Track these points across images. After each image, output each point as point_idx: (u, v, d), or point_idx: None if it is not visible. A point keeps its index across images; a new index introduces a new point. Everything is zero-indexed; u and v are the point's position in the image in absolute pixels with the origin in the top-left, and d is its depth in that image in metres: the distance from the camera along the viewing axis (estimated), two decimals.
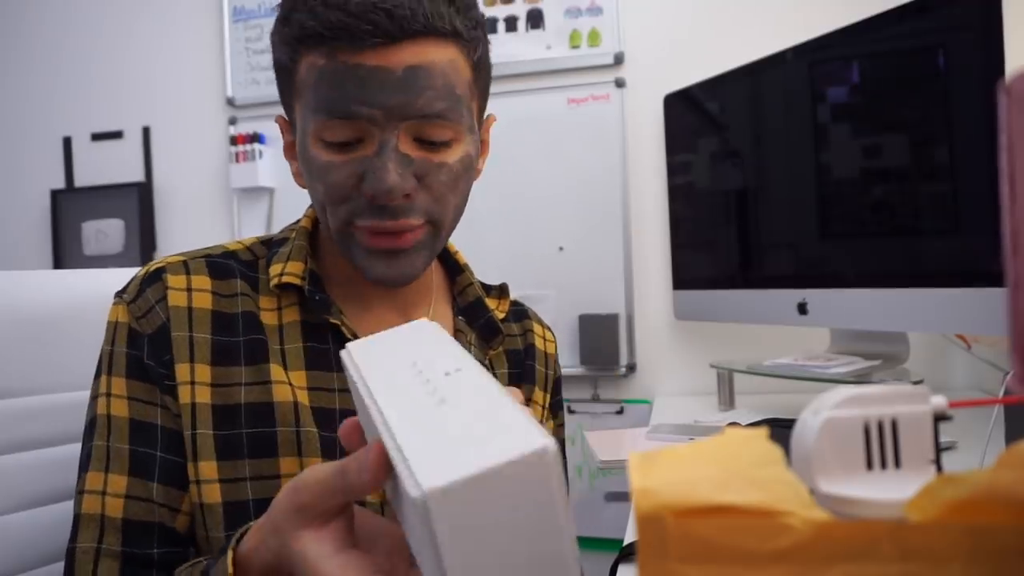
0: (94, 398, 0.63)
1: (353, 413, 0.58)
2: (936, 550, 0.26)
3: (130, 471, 0.60)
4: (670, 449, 0.32)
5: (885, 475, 0.30)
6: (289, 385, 0.62)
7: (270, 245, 0.69)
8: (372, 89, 0.56)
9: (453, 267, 0.78)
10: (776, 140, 1.38)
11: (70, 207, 2.14)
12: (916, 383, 1.16)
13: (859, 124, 1.22)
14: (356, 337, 0.64)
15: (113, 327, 0.63)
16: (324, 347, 0.65)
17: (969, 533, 0.26)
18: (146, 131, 2.10)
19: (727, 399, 1.46)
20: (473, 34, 0.60)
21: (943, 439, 0.31)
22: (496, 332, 0.74)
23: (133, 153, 2.11)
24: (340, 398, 0.63)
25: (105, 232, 2.09)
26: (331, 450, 0.61)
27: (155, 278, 0.63)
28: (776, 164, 1.38)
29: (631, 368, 1.75)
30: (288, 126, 0.66)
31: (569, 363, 1.77)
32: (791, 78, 1.32)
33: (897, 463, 0.30)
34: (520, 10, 1.82)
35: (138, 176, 2.11)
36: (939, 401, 0.31)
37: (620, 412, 1.76)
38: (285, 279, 0.64)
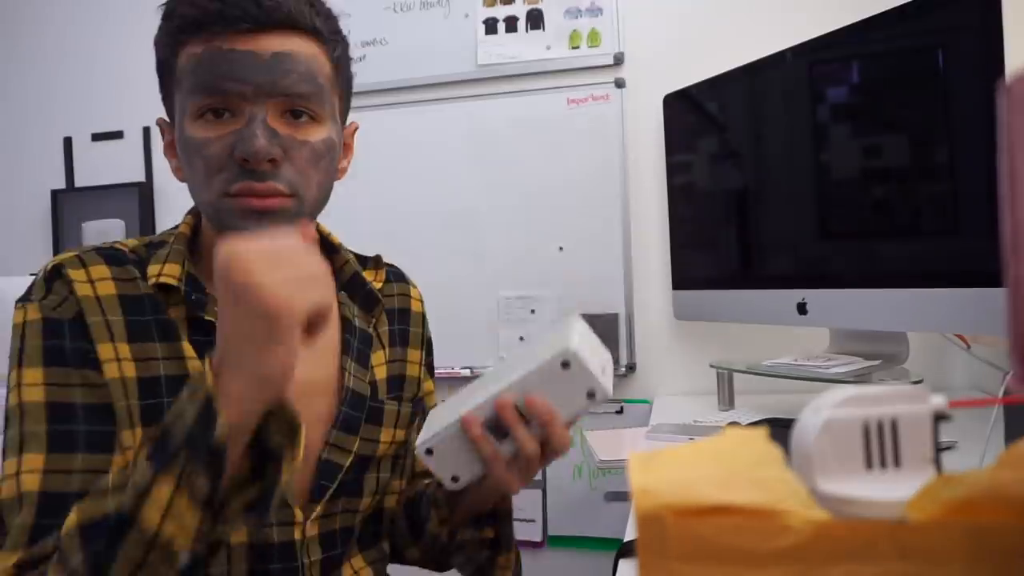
0: (6, 396, 0.64)
1: None
2: (936, 550, 0.26)
3: (48, 449, 0.61)
4: (670, 449, 0.32)
5: (885, 475, 0.30)
6: (199, 359, 0.67)
7: (149, 247, 0.73)
8: (243, 68, 0.64)
9: (329, 248, 0.83)
10: (776, 140, 1.38)
11: (70, 207, 2.14)
12: (916, 383, 1.16)
13: (859, 124, 1.22)
14: None
15: (21, 328, 0.65)
16: (208, 339, 0.68)
17: (969, 533, 0.26)
18: (146, 131, 2.10)
19: (727, 399, 1.46)
20: (332, 36, 0.70)
21: (943, 439, 0.31)
22: (376, 301, 0.82)
23: (133, 153, 2.11)
24: None
25: (105, 232, 2.08)
26: None
27: (56, 274, 0.67)
28: (776, 164, 1.38)
29: (631, 368, 1.75)
30: (168, 126, 0.72)
31: None
32: (791, 78, 1.32)
33: (897, 463, 0.30)
34: (520, 10, 1.82)
35: (138, 176, 2.11)
36: (939, 401, 0.31)
37: (620, 412, 1.76)
38: (162, 279, 0.69)
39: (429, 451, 0.65)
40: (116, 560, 0.52)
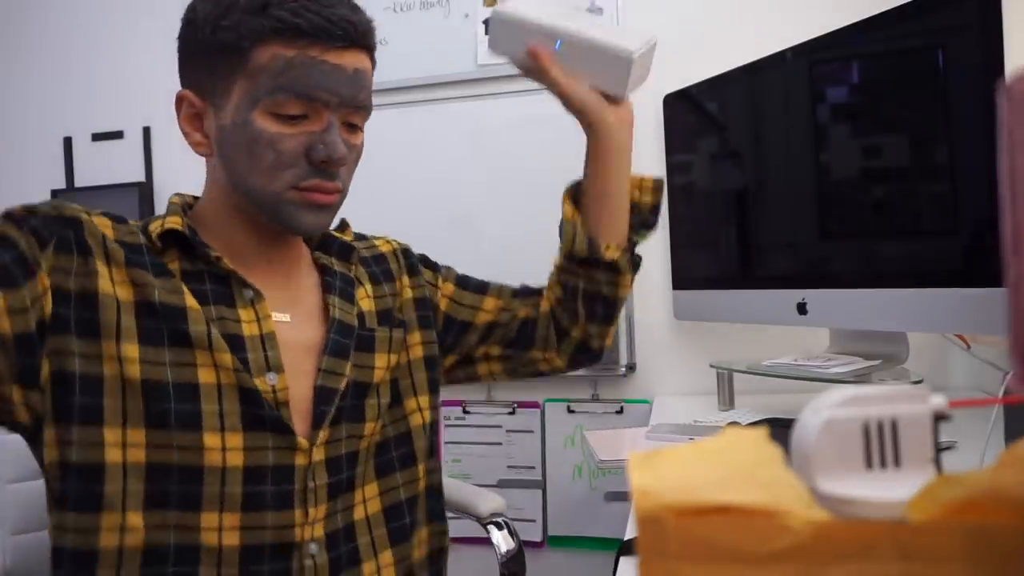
0: None
1: (228, 339, 0.72)
2: (936, 550, 0.26)
3: None
4: (670, 449, 0.32)
5: (885, 475, 0.30)
6: (193, 298, 0.72)
7: (147, 220, 0.78)
8: (334, 81, 0.71)
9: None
10: (776, 140, 1.38)
11: None
12: (916, 383, 1.16)
13: (859, 124, 1.22)
14: (233, 273, 0.75)
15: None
16: (202, 287, 0.74)
17: (969, 533, 0.26)
18: (146, 131, 2.10)
19: (727, 399, 1.46)
20: (375, 59, 0.79)
21: (943, 439, 0.31)
22: (350, 250, 0.89)
23: (133, 153, 2.11)
24: (217, 325, 0.72)
25: None
26: (233, 345, 0.72)
27: (61, 201, 0.73)
28: (776, 164, 1.38)
29: (631, 368, 1.75)
30: (200, 101, 0.75)
31: None
32: (791, 78, 1.32)
33: (897, 463, 0.30)
34: None
35: (138, 176, 2.11)
36: (939, 401, 0.31)
37: (620, 412, 1.76)
38: (168, 226, 0.74)
39: (639, 55, 0.89)
40: None
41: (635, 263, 0.95)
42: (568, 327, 0.96)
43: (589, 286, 0.93)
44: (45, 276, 0.66)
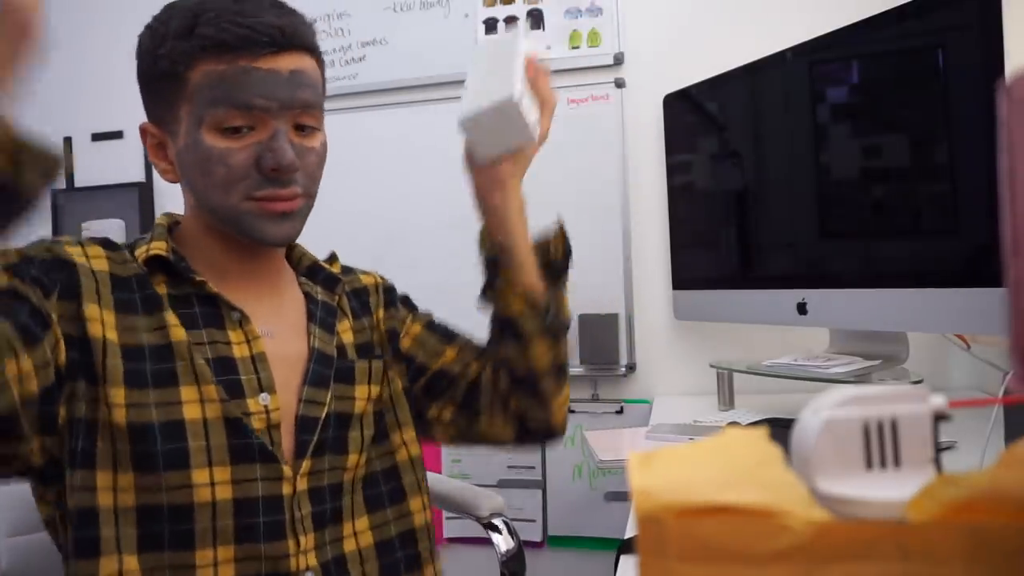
0: None
1: (220, 362, 0.73)
2: (936, 550, 0.26)
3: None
4: (670, 449, 0.32)
5: (885, 475, 0.30)
6: (181, 328, 0.73)
7: (134, 242, 0.79)
8: (269, 86, 0.71)
9: (288, 246, 0.90)
10: (776, 140, 1.38)
11: (70, 207, 2.13)
12: (916, 383, 1.16)
13: (859, 124, 1.22)
14: (218, 296, 0.75)
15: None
16: (190, 311, 0.75)
17: (969, 533, 0.26)
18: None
19: (727, 399, 1.46)
20: (320, 52, 0.79)
21: (943, 439, 0.31)
22: (336, 281, 0.89)
23: (133, 153, 2.11)
24: (209, 349, 0.73)
25: (105, 232, 2.08)
26: (223, 381, 0.72)
27: (53, 242, 0.73)
28: (776, 164, 1.38)
29: (631, 368, 1.75)
30: (158, 130, 0.77)
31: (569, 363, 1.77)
32: (791, 78, 1.32)
33: (897, 463, 0.30)
34: (520, 10, 1.82)
35: (138, 176, 2.11)
36: (939, 401, 0.31)
37: (620, 412, 1.76)
38: (152, 251, 0.75)
39: (468, 121, 0.79)
40: None
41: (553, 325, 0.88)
42: (501, 397, 0.89)
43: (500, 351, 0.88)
44: (56, 325, 0.67)
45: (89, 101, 2.14)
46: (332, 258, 0.94)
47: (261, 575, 0.70)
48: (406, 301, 0.98)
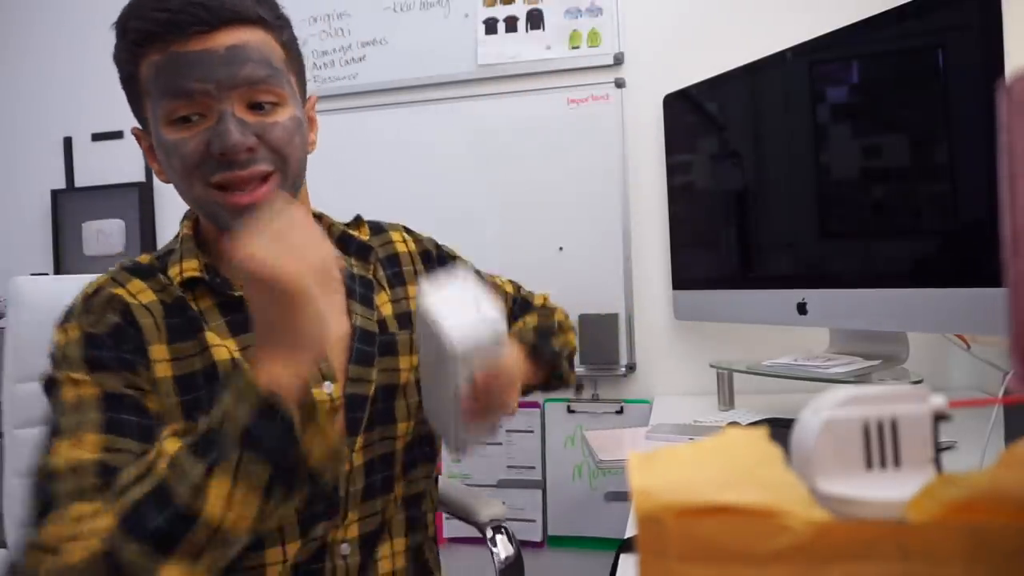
0: (53, 404, 0.67)
1: None
2: (936, 550, 0.26)
3: (105, 431, 0.64)
4: (670, 449, 0.32)
5: (885, 475, 0.30)
6: (225, 347, 0.73)
7: (161, 258, 0.79)
8: (202, 68, 0.68)
9: (315, 217, 0.89)
10: (776, 140, 1.38)
11: (71, 207, 2.13)
12: (916, 383, 1.16)
13: (859, 124, 1.21)
14: None
15: (62, 348, 0.69)
16: (241, 317, 0.75)
17: (969, 533, 0.26)
18: None
19: (727, 399, 1.46)
20: (277, 21, 0.74)
21: (943, 439, 0.31)
22: (368, 249, 0.88)
23: (133, 153, 2.11)
24: None
25: (105, 232, 2.09)
26: None
27: (97, 294, 0.72)
28: (776, 164, 1.38)
29: (631, 368, 1.75)
30: (144, 134, 0.77)
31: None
32: (791, 78, 1.32)
33: (897, 463, 0.30)
34: (520, 10, 1.82)
35: (138, 176, 2.11)
36: (939, 401, 0.31)
37: (620, 412, 1.76)
38: (186, 275, 0.74)
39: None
40: (176, 550, 0.56)
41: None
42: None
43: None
44: (153, 398, 0.69)
45: (89, 101, 2.14)
46: (358, 221, 0.94)
47: (310, 554, 0.74)
48: (442, 260, 0.97)
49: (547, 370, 0.93)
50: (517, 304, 1.04)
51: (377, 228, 0.95)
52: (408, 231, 0.98)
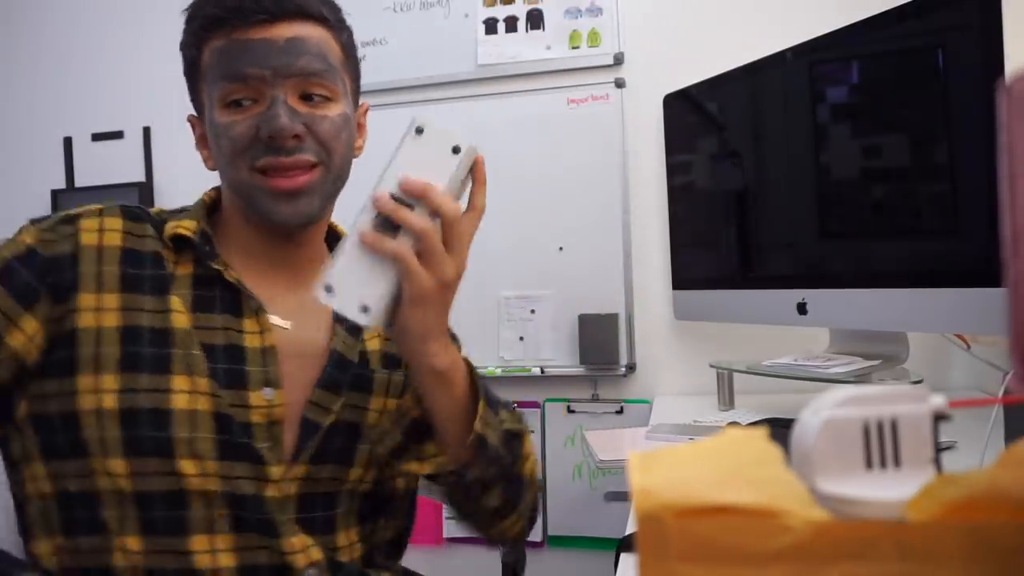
0: None
1: (230, 350, 0.73)
2: (936, 550, 0.26)
3: None
4: (670, 449, 0.32)
5: (885, 475, 0.30)
6: (185, 314, 0.72)
7: (172, 213, 0.79)
8: (261, 55, 0.70)
9: (333, 236, 0.87)
10: (776, 140, 1.38)
11: (71, 207, 2.13)
12: (916, 383, 1.16)
13: (859, 124, 1.22)
14: (239, 284, 0.74)
15: (12, 241, 0.72)
16: (210, 295, 0.74)
17: (968, 532, 0.26)
18: (146, 131, 2.10)
19: (727, 399, 1.46)
20: (338, 23, 0.77)
21: (943, 439, 0.31)
22: None
23: (133, 153, 2.11)
24: (221, 335, 0.73)
25: None
26: (214, 372, 0.71)
27: (70, 220, 0.74)
28: (776, 164, 1.38)
29: (631, 368, 1.75)
30: (199, 121, 0.78)
31: (569, 363, 1.77)
32: (791, 78, 1.32)
33: (897, 463, 0.30)
34: (520, 10, 1.82)
35: (138, 176, 2.11)
36: (938, 401, 0.31)
37: (620, 412, 1.76)
38: (178, 231, 0.74)
39: (328, 288, 0.61)
40: None
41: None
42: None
43: None
44: (22, 333, 0.68)
45: (89, 101, 2.14)
46: None
47: (265, 564, 0.70)
48: None
49: (486, 468, 0.74)
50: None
51: None
52: None
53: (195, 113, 0.79)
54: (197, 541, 0.68)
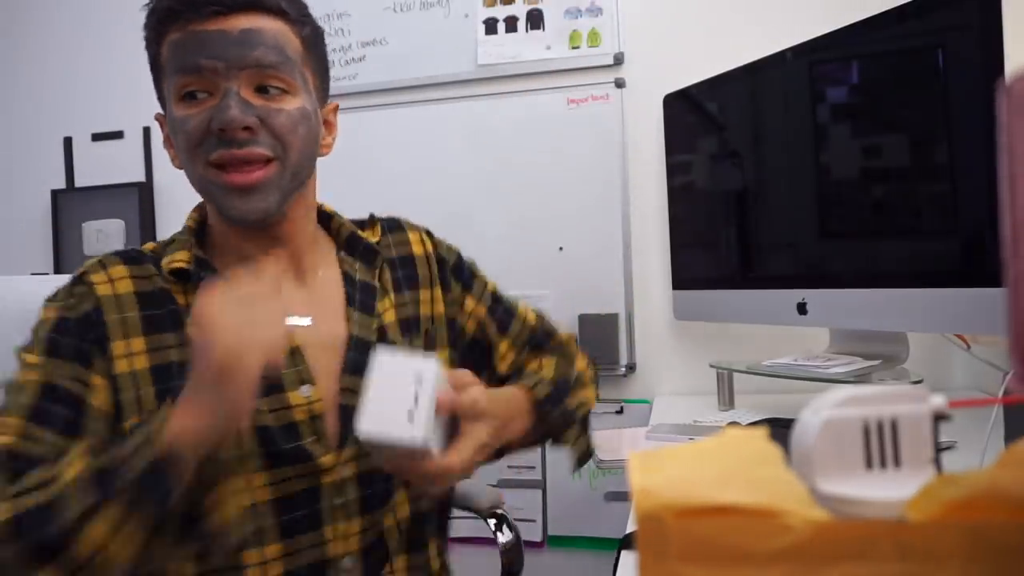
0: (6, 380, 0.71)
1: None
2: (935, 549, 0.26)
3: (27, 417, 0.66)
4: (670, 449, 0.32)
5: (885, 475, 0.30)
6: None
7: (165, 246, 0.80)
8: (214, 46, 0.70)
9: (325, 217, 0.88)
10: (776, 140, 1.38)
11: (71, 207, 2.13)
12: (916, 383, 1.16)
13: (859, 124, 1.22)
14: None
15: (36, 326, 0.72)
16: None
17: (968, 532, 0.26)
18: (146, 131, 2.10)
19: (727, 399, 1.46)
20: (301, 17, 0.76)
21: (943, 439, 0.31)
22: (374, 254, 0.86)
23: (133, 153, 2.11)
24: None
25: (105, 232, 2.08)
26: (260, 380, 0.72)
27: (79, 281, 0.74)
28: (776, 164, 1.38)
29: (631, 368, 1.75)
30: (164, 119, 0.78)
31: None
32: (791, 78, 1.32)
33: (897, 463, 0.30)
34: (520, 10, 1.82)
35: (138, 176, 2.11)
36: (938, 401, 0.31)
37: (620, 412, 1.76)
38: (174, 265, 0.75)
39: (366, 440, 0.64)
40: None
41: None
42: None
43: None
44: (98, 391, 0.70)
45: (89, 101, 2.14)
46: (372, 220, 0.92)
47: (303, 566, 0.72)
48: (459, 272, 0.93)
49: (553, 430, 0.88)
50: (537, 337, 0.96)
51: (394, 226, 0.93)
52: (430, 234, 0.95)
53: (162, 111, 0.79)
54: (248, 555, 0.70)
